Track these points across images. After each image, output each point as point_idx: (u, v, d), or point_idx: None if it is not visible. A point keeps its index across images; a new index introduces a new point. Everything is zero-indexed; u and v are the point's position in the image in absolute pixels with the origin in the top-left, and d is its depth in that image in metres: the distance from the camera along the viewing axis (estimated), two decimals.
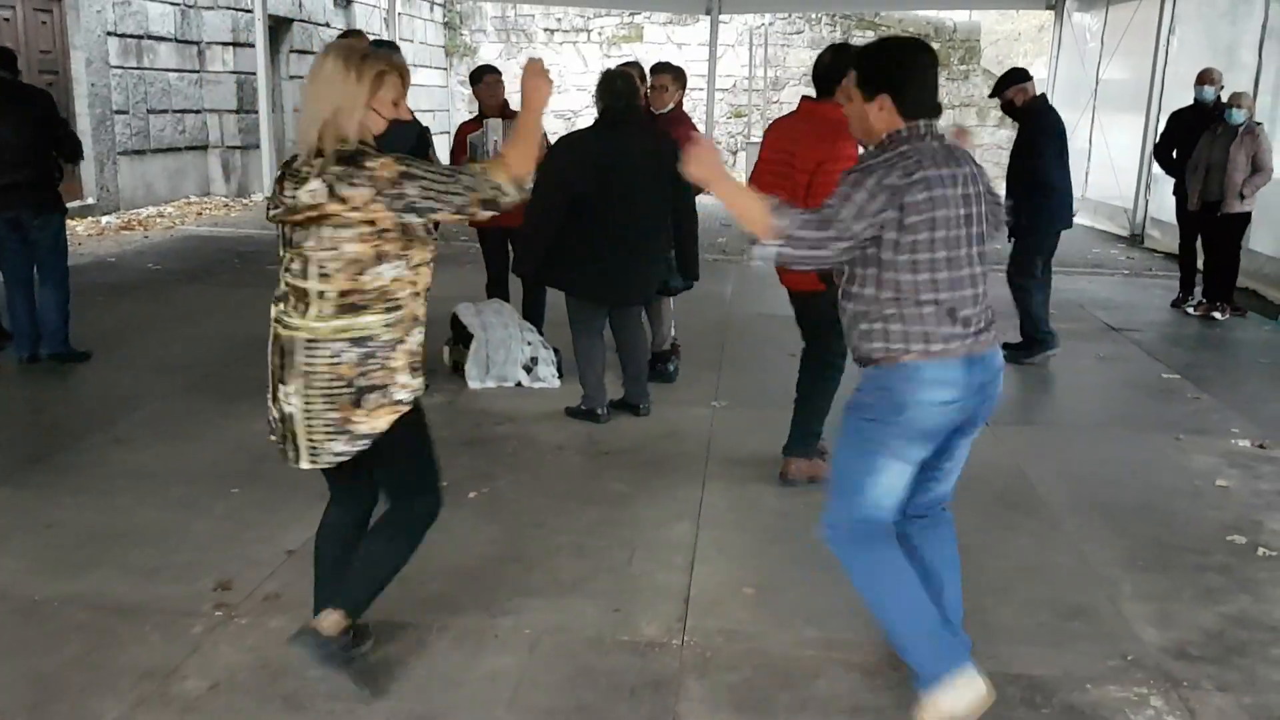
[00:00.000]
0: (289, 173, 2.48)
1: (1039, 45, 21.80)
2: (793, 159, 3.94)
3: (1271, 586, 3.52)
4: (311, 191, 2.40)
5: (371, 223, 2.42)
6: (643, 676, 2.88)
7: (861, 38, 20.02)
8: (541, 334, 5.84)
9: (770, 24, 19.90)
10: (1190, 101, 8.14)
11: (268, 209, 2.56)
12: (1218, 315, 7.78)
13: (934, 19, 19.97)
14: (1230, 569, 3.64)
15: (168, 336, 6.54)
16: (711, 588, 3.40)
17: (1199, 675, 2.96)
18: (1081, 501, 4.22)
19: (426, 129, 5.23)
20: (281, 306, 2.55)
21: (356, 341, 2.48)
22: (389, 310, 2.49)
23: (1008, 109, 6.21)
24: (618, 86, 4.80)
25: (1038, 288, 6.34)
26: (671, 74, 5.72)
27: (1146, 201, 11.42)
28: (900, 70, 2.54)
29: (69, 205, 6.11)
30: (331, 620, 2.67)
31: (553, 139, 4.99)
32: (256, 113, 13.24)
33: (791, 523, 3.90)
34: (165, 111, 12.64)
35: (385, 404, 2.52)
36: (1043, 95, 6.39)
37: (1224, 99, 7.71)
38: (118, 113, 11.71)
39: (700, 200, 5.14)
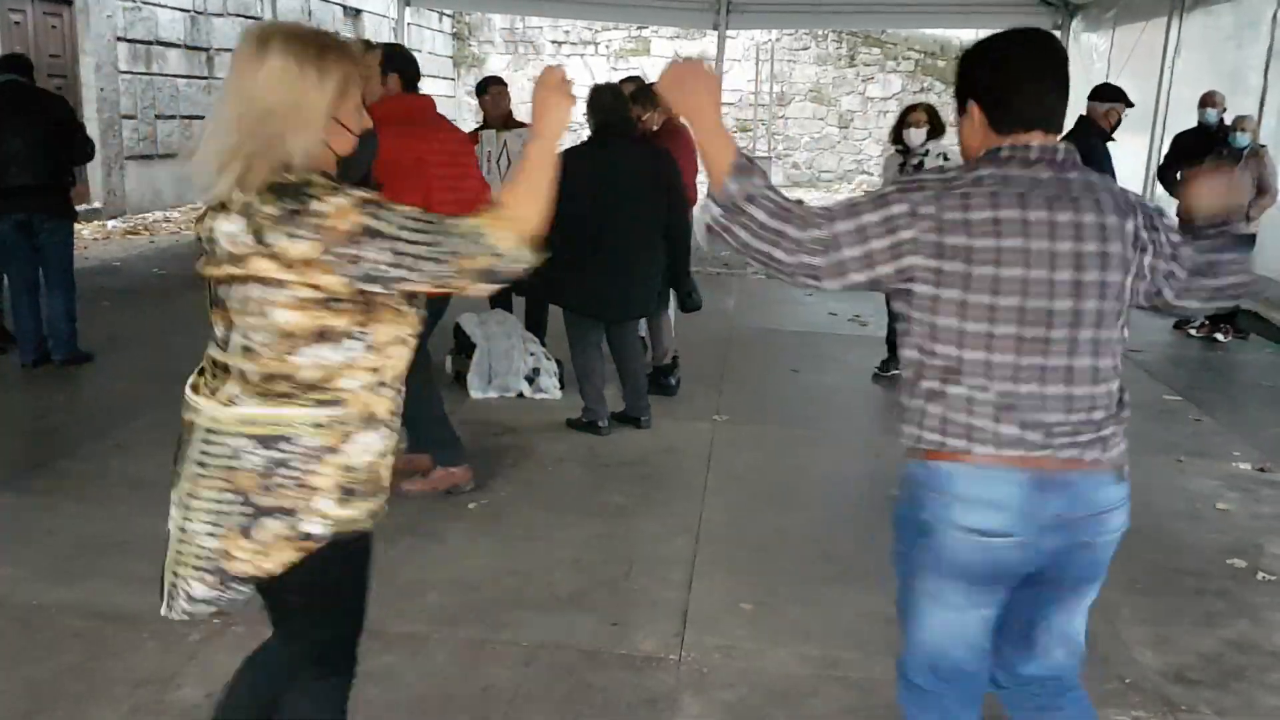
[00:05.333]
0: (213, 208, 1.74)
1: None
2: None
3: (1271, 611, 3.51)
4: (231, 236, 1.68)
5: (315, 287, 1.68)
6: (639, 692, 2.87)
7: (868, 54, 20.11)
8: (544, 345, 5.85)
9: (777, 39, 19.97)
10: (1194, 124, 8.16)
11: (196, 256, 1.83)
12: (1220, 337, 7.78)
13: (940, 37, 20.02)
14: (1230, 593, 3.64)
15: (170, 343, 6.53)
16: (709, 603, 3.39)
17: (1197, 700, 2.95)
18: None
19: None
20: (193, 379, 1.86)
21: (264, 441, 1.74)
22: (321, 404, 1.74)
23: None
24: (605, 101, 4.81)
25: None
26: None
27: None
28: (992, 69, 1.87)
29: (75, 209, 6.13)
30: None
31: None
32: None
33: (790, 539, 3.90)
34: (173, 117, 12.69)
35: (286, 537, 1.76)
36: None
37: (1227, 122, 7.72)
38: (126, 118, 11.76)
39: (696, 213, 5.12)
